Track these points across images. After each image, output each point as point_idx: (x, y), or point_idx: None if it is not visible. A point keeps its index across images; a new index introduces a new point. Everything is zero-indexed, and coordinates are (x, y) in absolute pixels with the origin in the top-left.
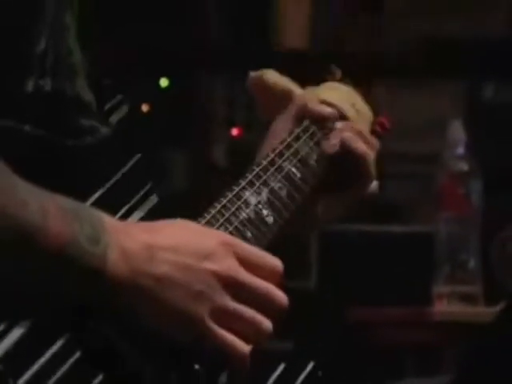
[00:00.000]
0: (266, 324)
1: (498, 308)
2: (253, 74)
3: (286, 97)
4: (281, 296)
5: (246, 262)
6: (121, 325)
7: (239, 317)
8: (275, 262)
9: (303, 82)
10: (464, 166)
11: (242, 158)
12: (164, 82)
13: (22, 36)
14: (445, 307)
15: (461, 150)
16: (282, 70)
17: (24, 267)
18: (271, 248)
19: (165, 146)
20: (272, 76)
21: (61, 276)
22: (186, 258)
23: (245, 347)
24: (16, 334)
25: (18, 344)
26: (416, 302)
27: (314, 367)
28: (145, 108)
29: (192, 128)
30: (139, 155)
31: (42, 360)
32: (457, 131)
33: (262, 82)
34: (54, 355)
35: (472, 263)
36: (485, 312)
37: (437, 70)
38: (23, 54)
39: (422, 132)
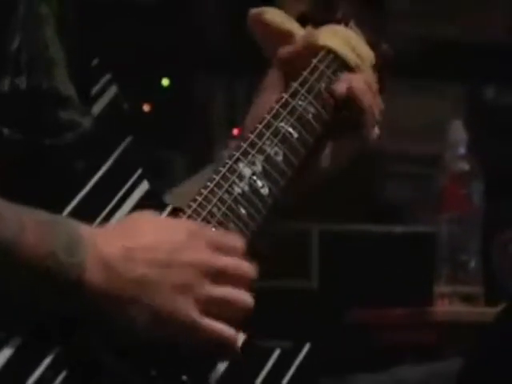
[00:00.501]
0: (249, 298)
1: (499, 308)
2: (253, 10)
3: (285, 37)
4: (249, 266)
5: (214, 246)
6: (106, 335)
7: (224, 300)
8: (234, 238)
9: None
10: (465, 167)
11: None
12: (165, 82)
13: None
14: (446, 307)
15: (462, 151)
16: None
17: (2, 280)
18: (272, 248)
19: (165, 146)
20: (271, 14)
21: (40, 287)
22: (162, 255)
23: (233, 332)
24: (5, 354)
25: (6, 365)
26: (417, 303)
27: (309, 351)
28: (146, 108)
29: (192, 128)
30: (128, 141)
31: (31, 379)
32: (458, 131)
33: (260, 20)
34: (43, 373)
35: (473, 264)
36: (486, 312)
37: (438, 70)
38: None
39: (423, 132)
